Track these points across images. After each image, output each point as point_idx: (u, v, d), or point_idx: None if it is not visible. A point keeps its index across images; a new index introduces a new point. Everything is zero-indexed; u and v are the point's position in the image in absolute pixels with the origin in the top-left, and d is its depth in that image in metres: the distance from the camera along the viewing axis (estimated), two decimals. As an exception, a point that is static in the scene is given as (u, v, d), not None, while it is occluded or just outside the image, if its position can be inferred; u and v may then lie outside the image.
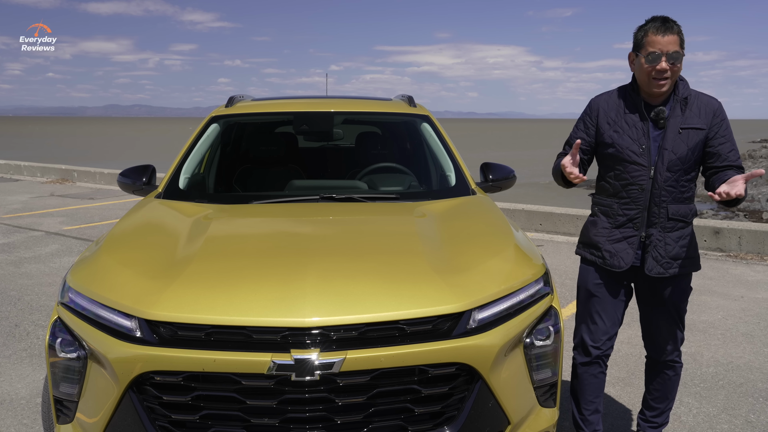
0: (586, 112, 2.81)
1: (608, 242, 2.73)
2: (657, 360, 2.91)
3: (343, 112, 4.27)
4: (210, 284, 2.25)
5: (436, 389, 2.15)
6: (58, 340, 2.30)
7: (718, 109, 2.65)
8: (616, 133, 2.68)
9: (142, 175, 3.60)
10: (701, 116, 2.62)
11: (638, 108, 2.65)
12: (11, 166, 16.77)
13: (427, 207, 3.18)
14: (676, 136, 2.60)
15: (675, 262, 2.69)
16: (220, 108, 4.19)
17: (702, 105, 2.64)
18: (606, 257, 2.74)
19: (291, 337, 2.06)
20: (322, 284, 2.21)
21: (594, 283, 2.81)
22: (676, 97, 2.63)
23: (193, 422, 2.11)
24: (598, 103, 2.77)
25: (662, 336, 2.84)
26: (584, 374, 2.89)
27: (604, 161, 2.76)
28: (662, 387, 2.93)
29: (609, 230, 2.74)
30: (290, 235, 2.84)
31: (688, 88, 2.66)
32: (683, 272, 2.73)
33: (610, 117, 2.71)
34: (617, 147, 2.67)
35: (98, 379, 2.19)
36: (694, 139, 2.61)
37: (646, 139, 2.62)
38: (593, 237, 2.80)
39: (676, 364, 2.89)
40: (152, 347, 2.09)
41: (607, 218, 2.75)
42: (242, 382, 2.06)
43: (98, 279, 2.39)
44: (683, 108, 2.62)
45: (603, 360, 2.87)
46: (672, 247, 2.68)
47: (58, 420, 2.36)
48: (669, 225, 2.67)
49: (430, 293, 2.22)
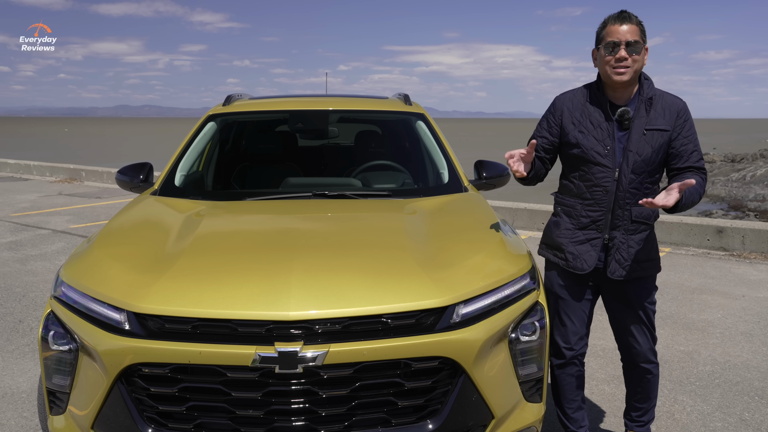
0: (550, 111, 2.79)
1: (571, 244, 2.71)
2: (633, 363, 2.86)
3: (338, 111, 4.30)
4: (197, 278, 2.28)
5: (419, 383, 2.17)
6: (50, 333, 2.34)
7: (682, 109, 2.63)
8: (581, 134, 2.65)
9: (140, 173, 3.65)
10: (665, 117, 2.60)
11: (603, 108, 2.63)
12: (21, 166, 16.94)
13: (418, 204, 3.20)
14: (640, 137, 2.58)
15: (637, 265, 2.67)
16: (218, 106, 4.23)
17: (666, 105, 2.62)
18: (569, 259, 2.71)
19: (275, 330, 2.09)
20: (307, 279, 2.24)
21: (559, 285, 2.79)
22: (641, 97, 2.61)
23: (180, 413, 2.15)
24: (563, 102, 2.74)
25: (633, 338, 2.80)
26: (561, 375, 2.87)
27: (569, 161, 2.74)
28: (643, 389, 2.90)
29: (572, 231, 2.71)
30: (279, 231, 2.87)
31: (653, 88, 2.64)
32: (645, 275, 2.71)
33: (575, 117, 2.68)
34: (582, 147, 2.64)
35: (89, 371, 2.23)
36: (659, 140, 2.59)
37: (611, 140, 2.60)
38: (556, 238, 2.77)
39: (651, 364, 2.84)
40: (140, 339, 2.13)
41: (570, 219, 2.72)
42: (227, 374, 2.09)
43: (90, 273, 2.43)
44: (648, 108, 2.60)
45: (579, 359, 2.85)
46: (635, 250, 2.65)
47: (51, 411, 2.40)
48: (632, 227, 2.65)
49: (414, 288, 2.25)
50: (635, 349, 2.81)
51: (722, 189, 19.90)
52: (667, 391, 3.79)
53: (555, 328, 2.85)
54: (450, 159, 3.73)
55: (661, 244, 7.81)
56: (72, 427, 2.30)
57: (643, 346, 2.80)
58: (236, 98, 4.41)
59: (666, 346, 4.52)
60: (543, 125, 2.79)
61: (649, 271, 2.72)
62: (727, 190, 19.70)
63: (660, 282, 6.00)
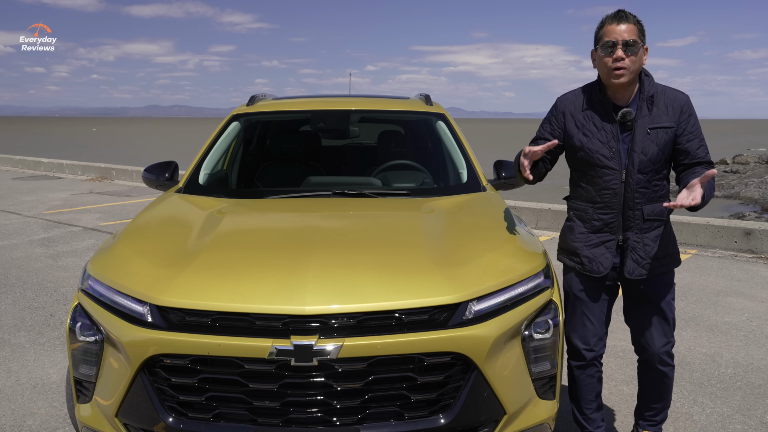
0: (552, 113, 2.78)
1: (586, 248, 2.70)
2: (649, 363, 2.84)
3: (359, 111, 4.36)
4: (218, 273, 2.36)
5: (431, 377, 2.21)
6: (77, 325, 2.44)
7: (686, 104, 2.61)
8: (585, 137, 2.64)
9: (165, 171, 3.75)
10: (669, 113, 2.58)
11: (606, 109, 2.62)
12: (54, 165, 17.34)
13: (436, 203, 3.24)
14: (644, 136, 2.57)
15: (656, 262, 2.66)
16: (242, 106, 4.31)
17: (669, 101, 2.59)
18: (585, 263, 2.71)
19: (291, 324, 2.15)
20: (324, 275, 2.29)
21: (577, 288, 2.79)
22: (642, 95, 2.60)
23: (200, 404, 2.22)
24: (565, 104, 2.73)
25: (651, 337, 2.78)
26: (581, 376, 2.87)
27: (576, 165, 2.73)
28: (658, 389, 2.88)
29: (586, 235, 2.71)
30: (298, 228, 2.93)
31: (654, 85, 2.62)
32: (664, 270, 2.70)
33: (577, 120, 2.68)
34: (587, 151, 2.63)
35: (113, 361, 2.31)
36: (663, 138, 2.57)
37: (615, 142, 2.59)
38: (571, 243, 2.77)
39: (667, 365, 2.82)
40: (162, 331, 2.20)
41: (584, 223, 2.72)
42: (245, 366, 2.15)
43: (115, 267, 2.52)
44: (650, 106, 2.58)
45: (597, 360, 2.85)
46: (651, 248, 2.64)
47: (78, 399, 2.49)
48: (645, 226, 2.64)
49: (427, 285, 2.29)
50: (652, 349, 2.80)
51: (756, 191, 19.49)
52: (687, 393, 3.78)
53: (574, 330, 2.84)
54: (469, 159, 3.76)
55: (687, 246, 7.73)
56: (98, 415, 2.39)
57: (660, 345, 2.78)
58: (260, 98, 4.49)
59: (688, 348, 4.49)
60: (546, 127, 2.79)
61: (668, 266, 2.72)
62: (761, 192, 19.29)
63: (684, 284, 5.99)
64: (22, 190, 13.46)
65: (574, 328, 2.84)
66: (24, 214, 10.28)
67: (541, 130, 2.82)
